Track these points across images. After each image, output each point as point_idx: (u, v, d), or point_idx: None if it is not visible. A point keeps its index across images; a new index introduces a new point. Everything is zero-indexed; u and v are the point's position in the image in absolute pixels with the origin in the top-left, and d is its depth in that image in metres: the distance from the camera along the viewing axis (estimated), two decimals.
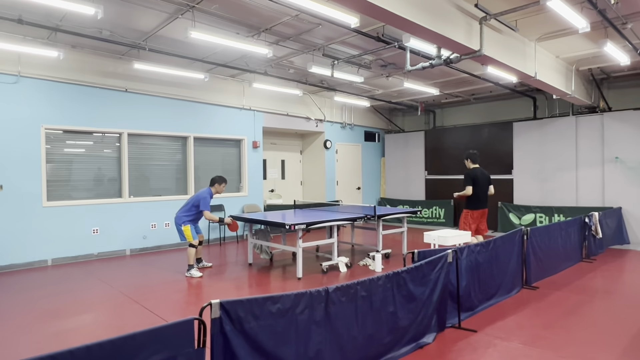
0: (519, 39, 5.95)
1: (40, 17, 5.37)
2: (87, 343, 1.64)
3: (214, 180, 6.25)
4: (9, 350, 3.47)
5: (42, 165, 6.59)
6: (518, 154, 9.52)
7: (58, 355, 1.55)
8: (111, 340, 1.68)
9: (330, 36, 6.24)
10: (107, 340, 1.67)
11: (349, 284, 2.82)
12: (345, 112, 11.43)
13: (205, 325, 2.01)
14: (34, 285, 5.48)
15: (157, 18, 5.57)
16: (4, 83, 6.25)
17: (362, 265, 6.42)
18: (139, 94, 7.62)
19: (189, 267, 5.93)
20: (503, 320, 4.02)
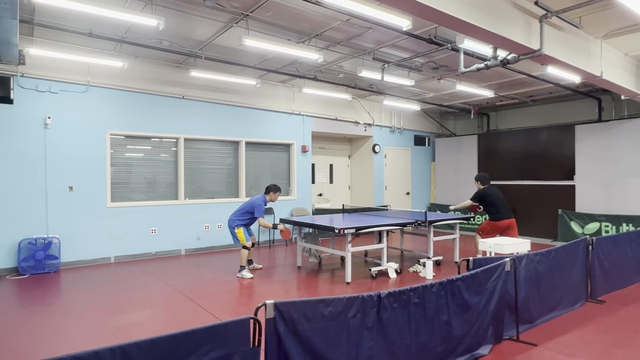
0: (583, 36, 5.61)
1: (107, 30, 5.76)
2: (151, 337, 1.72)
3: (269, 189, 6.37)
4: (77, 340, 3.73)
5: (107, 168, 7.04)
6: (581, 158, 8.95)
7: (126, 347, 1.64)
8: (173, 335, 1.75)
9: (381, 40, 6.20)
10: (170, 334, 1.75)
11: (402, 289, 2.77)
12: (394, 115, 11.29)
13: (261, 324, 2.05)
14: (98, 281, 5.85)
15: (213, 27, 5.79)
16: (75, 92, 6.75)
17: (412, 271, 6.29)
18: (195, 101, 7.96)
19: (241, 268, 6.08)
20: (566, 335, 3.77)
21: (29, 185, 6.37)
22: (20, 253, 6.17)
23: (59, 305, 4.77)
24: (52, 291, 5.38)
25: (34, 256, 6.19)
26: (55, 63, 6.43)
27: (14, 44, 5.15)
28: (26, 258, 6.17)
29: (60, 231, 6.58)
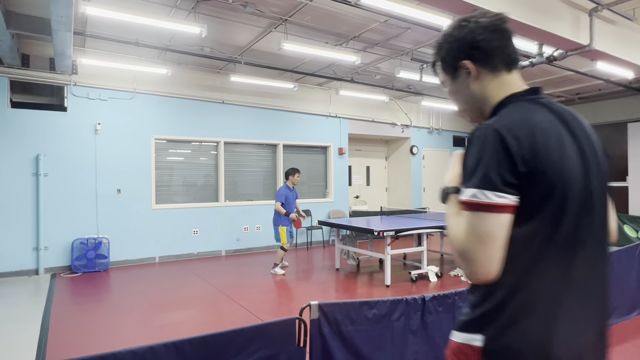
0: (637, 29, 5.31)
1: (153, 39, 6.01)
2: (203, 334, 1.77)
3: (287, 173, 6.62)
4: (128, 336, 3.89)
5: (152, 171, 7.33)
6: (634, 158, 8.45)
7: (179, 343, 1.70)
8: (223, 332, 1.80)
9: (420, 40, 6.12)
10: (220, 332, 1.80)
11: (446, 293, 2.71)
12: (432, 116, 11.10)
13: (307, 325, 2.07)
14: (145, 280, 6.08)
15: (252, 33, 5.91)
16: (123, 99, 7.07)
17: (453, 275, 6.14)
18: (234, 105, 8.14)
19: (275, 265, 6.30)
20: (622, 345, 3.57)
21: (81, 188, 6.72)
22: (73, 252, 6.52)
23: (109, 302, 5.00)
24: (103, 289, 5.64)
25: (86, 255, 6.53)
26: (104, 72, 6.77)
27: (68, 55, 5.47)
28: (79, 257, 6.52)
29: (109, 232, 6.90)
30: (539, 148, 0.97)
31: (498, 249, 0.95)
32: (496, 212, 0.94)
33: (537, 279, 0.98)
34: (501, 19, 1.15)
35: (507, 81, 1.15)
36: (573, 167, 1.01)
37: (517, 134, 0.96)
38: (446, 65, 1.19)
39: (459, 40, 1.14)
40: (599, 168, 1.08)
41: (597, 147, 1.13)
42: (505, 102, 1.11)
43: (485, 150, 0.97)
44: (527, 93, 1.13)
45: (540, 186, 0.96)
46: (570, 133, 1.06)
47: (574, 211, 1.00)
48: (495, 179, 0.94)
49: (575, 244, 1.01)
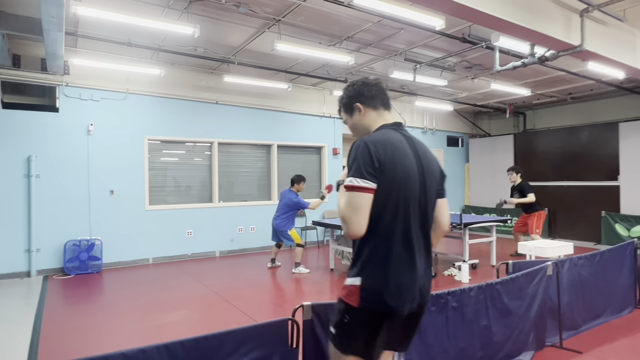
0: (627, 30, 5.36)
1: (145, 39, 5.98)
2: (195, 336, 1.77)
3: (293, 181, 6.58)
4: (121, 338, 3.87)
5: (145, 172, 7.29)
6: (625, 157, 8.53)
7: (171, 345, 1.69)
8: (215, 334, 1.79)
9: (413, 40, 6.14)
10: (212, 334, 1.79)
11: (439, 293, 2.72)
12: (426, 116, 11.13)
13: (299, 325, 2.07)
14: (138, 281, 6.05)
15: (246, 33, 5.90)
16: (115, 100, 7.03)
17: (447, 275, 6.17)
18: (228, 105, 8.12)
19: (296, 264, 6.38)
20: (613, 343, 3.60)
21: (74, 190, 6.67)
22: (65, 254, 6.47)
23: (102, 304, 4.97)
24: (96, 290, 5.61)
25: (79, 257, 6.48)
26: (96, 72, 6.72)
27: (60, 55, 5.43)
28: (71, 259, 6.47)
29: (102, 233, 6.86)
30: (389, 155, 1.60)
31: (364, 215, 1.55)
32: (363, 192, 1.55)
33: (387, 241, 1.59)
34: (377, 81, 1.87)
35: (383, 116, 1.83)
36: (412, 171, 1.65)
37: (376, 144, 1.61)
38: (346, 108, 1.88)
39: (354, 92, 1.83)
40: (431, 176, 1.72)
41: (433, 164, 1.76)
42: (379, 129, 1.78)
43: (358, 154, 1.60)
44: (392, 124, 1.79)
45: (388, 178, 1.58)
46: (414, 151, 1.70)
47: (410, 198, 1.63)
48: (363, 171, 1.56)
49: (411, 219, 1.63)
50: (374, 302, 1.57)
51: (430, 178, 1.70)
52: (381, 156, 1.56)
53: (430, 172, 1.71)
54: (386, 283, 1.57)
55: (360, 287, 1.58)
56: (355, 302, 1.59)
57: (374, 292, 1.57)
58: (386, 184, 1.57)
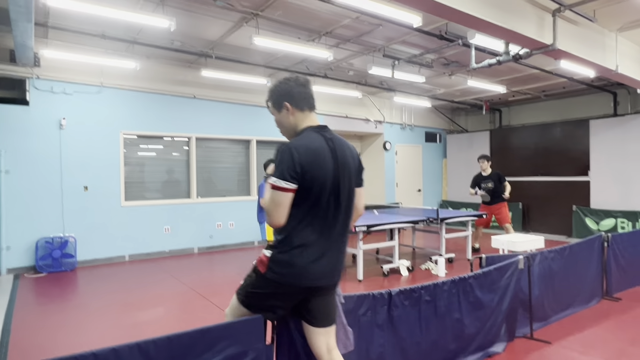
0: (597, 30, 5.52)
1: (120, 31, 5.83)
2: (168, 334, 1.76)
3: (266, 165, 6.16)
4: (94, 337, 3.80)
5: (120, 168, 7.14)
6: (596, 154, 8.81)
7: (143, 344, 1.68)
8: (189, 332, 1.78)
9: (391, 36, 6.17)
10: (185, 332, 1.78)
11: (413, 287, 2.77)
12: (405, 112, 11.24)
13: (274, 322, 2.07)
14: (114, 279, 5.94)
15: (223, 27, 5.83)
16: (89, 93, 6.85)
17: (424, 269, 6.27)
18: (206, 100, 8.02)
19: None
20: (581, 333, 3.74)
21: (45, 185, 6.49)
22: (37, 252, 6.29)
23: (75, 303, 4.87)
24: (69, 289, 5.49)
25: (51, 255, 6.32)
26: (69, 65, 6.53)
27: (29, 46, 5.25)
28: (43, 257, 6.30)
29: (76, 230, 6.70)
30: (310, 159, 1.83)
31: (284, 210, 1.83)
32: (284, 191, 1.81)
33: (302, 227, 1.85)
34: (307, 82, 2.02)
35: (308, 117, 2.00)
36: (329, 171, 1.88)
37: (299, 150, 1.82)
38: (275, 104, 2.02)
39: (284, 91, 1.97)
40: (347, 173, 1.96)
41: (349, 161, 1.99)
42: (304, 130, 1.97)
43: (283, 158, 1.82)
44: (316, 127, 1.98)
45: (308, 179, 1.82)
46: (332, 152, 1.92)
47: (326, 195, 1.87)
48: (285, 174, 1.80)
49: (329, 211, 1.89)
50: (278, 273, 1.85)
51: (345, 175, 1.94)
52: (303, 161, 1.79)
53: (346, 169, 1.94)
54: (293, 260, 1.84)
55: (269, 258, 1.88)
56: (262, 269, 1.89)
57: (280, 265, 1.85)
58: (306, 184, 1.82)
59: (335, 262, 1.95)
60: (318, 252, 1.87)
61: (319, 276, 1.88)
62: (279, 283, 1.85)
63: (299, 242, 1.84)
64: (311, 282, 1.87)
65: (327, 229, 1.89)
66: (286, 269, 1.84)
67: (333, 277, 1.96)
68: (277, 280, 1.85)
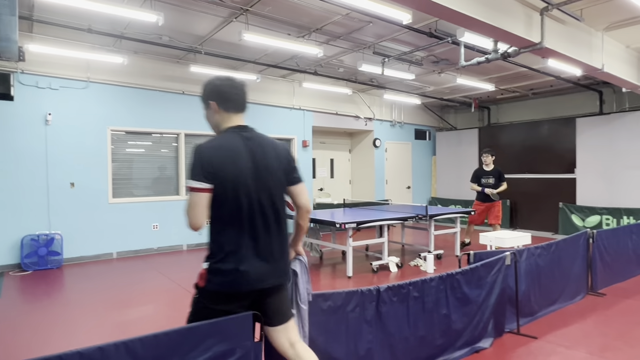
0: (584, 29, 5.59)
1: (107, 26, 5.75)
2: (155, 332, 1.74)
3: None
4: (81, 336, 3.76)
5: (108, 164, 7.05)
6: (582, 151, 8.94)
7: (129, 342, 1.66)
8: (176, 330, 1.77)
9: (381, 34, 6.18)
10: (173, 330, 1.77)
11: (401, 284, 2.79)
12: (395, 110, 11.27)
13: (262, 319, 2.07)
14: (101, 277, 5.88)
15: (213, 22, 5.78)
16: (76, 89, 6.75)
17: (413, 265, 6.31)
18: (195, 96, 7.94)
19: None
20: (566, 328, 3.80)
21: (31, 182, 6.39)
22: (22, 249, 6.20)
23: (62, 301, 4.81)
24: (55, 287, 5.42)
25: (37, 252, 6.23)
26: (55, 59, 6.42)
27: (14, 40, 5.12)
28: (29, 254, 6.21)
29: (63, 227, 6.61)
30: (222, 159, 1.84)
31: (200, 211, 1.81)
32: (197, 192, 1.80)
33: (229, 231, 1.85)
34: (241, 84, 2.05)
35: (231, 118, 2.01)
36: (245, 171, 1.87)
37: (210, 150, 1.84)
38: (204, 101, 2.04)
39: (212, 90, 2.00)
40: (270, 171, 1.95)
41: (272, 160, 1.97)
42: (225, 131, 1.98)
43: (194, 158, 1.83)
44: (235, 128, 1.99)
45: (221, 179, 1.82)
46: (250, 152, 1.92)
47: (248, 196, 1.86)
48: (196, 174, 1.80)
49: (252, 212, 1.88)
50: (217, 283, 1.84)
51: (269, 174, 1.94)
52: (213, 161, 1.81)
53: (269, 169, 1.94)
54: (228, 267, 1.83)
55: (207, 270, 1.85)
56: (202, 283, 1.87)
57: (217, 274, 1.84)
58: (221, 184, 1.82)
59: (273, 262, 1.93)
60: (251, 255, 1.86)
61: (259, 278, 1.87)
62: (221, 292, 1.85)
63: (229, 248, 1.84)
64: (252, 286, 1.87)
65: (256, 230, 1.88)
66: (224, 277, 1.83)
67: (276, 277, 1.94)
68: (218, 290, 1.84)
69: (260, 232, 1.90)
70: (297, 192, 2.08)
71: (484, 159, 7.41)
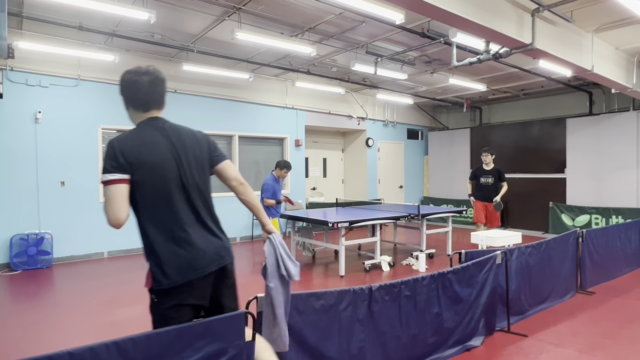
0: (574, 30, 5.65)
1: (98, 23, 5.70)
2: (146, 332, 1.73)
3: (277, 164, 6.20)
4: (71, 336, 3.73)
5: (98, 163, 6.99)
6: (572, 151, 9.04)
7: (121, 342, 1.65)
8: (168, 330, 1.76)
9: (374, 33, 6.19)
10: (164, 329, 1.76)
11: (393, 282, 2.80)
12: (387, 109, 11.30)
13: (255, 318, 2.07)
14: (92, 276, 5.83)
15: (205, 21, 5.75)
16: (66, 86, 6.68)
17: (405, 264, 6.34)
18: (187, 95, 7.90)
19: None
20: (556, 326, 3.84)
21: (20, 181, 6.31)
22: (11, 249, 6.12)
23: (52, 301, 4.76)
24: (45, 287, 5.36)
25: (26, 252, 6.16)
26: (45, 57, 6.35)
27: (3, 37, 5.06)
28: (18, 254, 6.14)
29: (53, 226, 6.54)
30: (137, 149, 1.79)
31: (118, 204, 1.74)
32: (114, 184, 1.74)
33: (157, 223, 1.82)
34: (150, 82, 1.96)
35: (141, 114, 1.95)
36: (166, 159, 1.84)
37: (121, 142, 1.79)
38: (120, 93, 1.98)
39: (124, 84, 1.96)
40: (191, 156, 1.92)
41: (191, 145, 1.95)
42: (138, 125, 1.93)
43: (107, 152, 1.78)
44: (147, 120, 1.93)
45: (140, 170, 1.77)
46: (167, 140, 1.89)
47: (169, 181, 1.83)
48: (109, 167, 1.75)
49: (178, 199, 1.85)
50: (163, 280, 1.79)
51: (187, 159, 1.90)
52: (126, 151, 1.76)
53: (187, 154, 1.91)
54: (167, 260, 1.79)
55: (150, 269, 1.82)
56: (149, 284, 1.83)
57: (160, 271, 1.79)
58: (140, 175, 1.77)
59: (210, 244, 1.90)
60: (186, 242, 1.82)
61: (203, 263, 1.84)
62: (170, 288, 1.79)
63: (163, 240, 1.80)
64: (198, 272, 1.83)
65: (185, 217, 1.85)
66: (167, 269, 1.78)
67: (218, 259, 1.91)
68: (167, 285, 1.79)
69: (190, 219, 1.86)
70: (223, 169, 2.06)
71: (483, 158, 7.08)
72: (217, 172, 2.07)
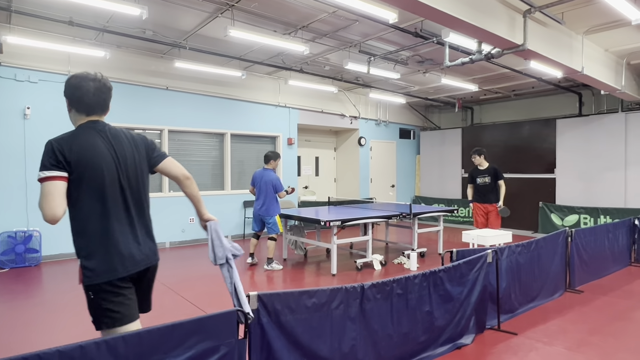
0: (565, 32, 5.70)
1: (89, 18, 5.63)
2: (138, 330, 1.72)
3: (270, 157, 6.14)
4: (60, 334, 3.69)
5: None
6: (561, 152, 9.14)
7: (111, 340, 1.64)
8: (159, 327, 1.75)
9: (367, 32, 6.20)
10: (156, 327, 1.75)
11: (385, 281, 2.81)
12: (380, 109, 11.33)
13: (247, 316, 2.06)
14: None
15: (198, 17, 5.71)
16: (56, 82, 6.59)
17: (396, 263, 6.37)
18: (179, 92, 7.85)
19: (269, 260, 5.98)
20: (545, 324, 3.88)
21: (8, 178, 6.22)
22: None
23: (40, 299, 4.70)
24: (33, 285, 5.29)
25: (14, 250, 6.08)
26: (34, 52, 6.26)
27: None
28: (6, 252, 6.05)
29: (41, 224, 6.45)
30: (76, 149, 1.82)
31: (54, 201, 1.75)
32: (48, 181, 1.76)
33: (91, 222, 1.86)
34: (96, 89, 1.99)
35: (83, 118, 1.97)
36: (104, 161, 1.88)
37: (60, 142, 1.82)
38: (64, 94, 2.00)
39: (69, 87, 1.96)
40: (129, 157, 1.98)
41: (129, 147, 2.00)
42: (78, 127, 1.96)
43: (46, 151, 1.80)
44: (87, 123, 1.96)
45: (79, 169, 1.81)
46: (106, 141, 1.93)
47: (107, 180, 1.87)
48: (46, 164, 1.77)
49: (113, 198, 1.89)
50: (93, 276, 1.83)
51: (125, 160, 1.96)
52: (65, 151, 1.79)
53: (125, 156, 1.96)
54: (98, 256, 1.84)
55: (81, 265, 1.85)
56: (81, 280, 1.87)
57: (91, 267, 1.83)
58: (77, 175, 1.81)
59: (142, 245, 1.97)
60: (120, 240, 1.87)
61: (133, 262, 1.90)
62: (103, 283, 1.83)
63: (96, 237, 1.84)
64: (128, 270, 1.88)
65: (120, 216, 1.90)
66: (98, 266, 1.83)
67: (148, 259, 1.99)
68: (98, 281, 1.83)
69: (124, 217, 1.92)
70: (166, 167, 2.13)
71: (472, 160, 6.84)
72: (160, 171, 2.14)
